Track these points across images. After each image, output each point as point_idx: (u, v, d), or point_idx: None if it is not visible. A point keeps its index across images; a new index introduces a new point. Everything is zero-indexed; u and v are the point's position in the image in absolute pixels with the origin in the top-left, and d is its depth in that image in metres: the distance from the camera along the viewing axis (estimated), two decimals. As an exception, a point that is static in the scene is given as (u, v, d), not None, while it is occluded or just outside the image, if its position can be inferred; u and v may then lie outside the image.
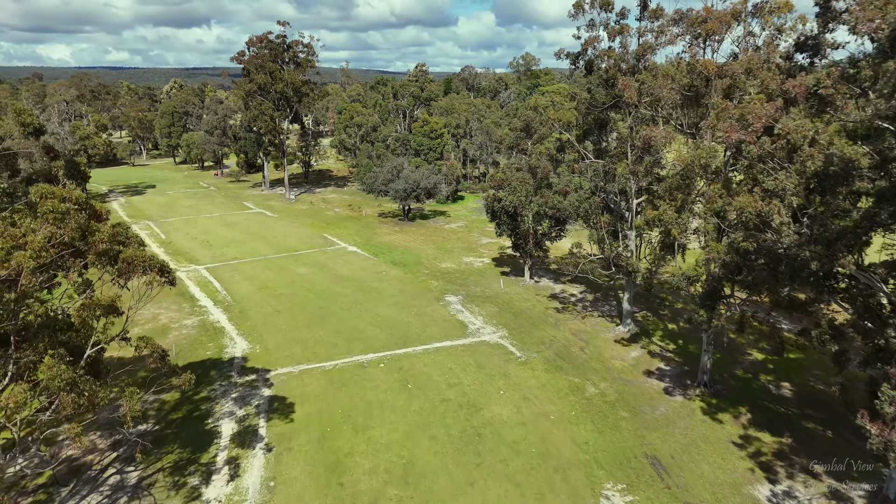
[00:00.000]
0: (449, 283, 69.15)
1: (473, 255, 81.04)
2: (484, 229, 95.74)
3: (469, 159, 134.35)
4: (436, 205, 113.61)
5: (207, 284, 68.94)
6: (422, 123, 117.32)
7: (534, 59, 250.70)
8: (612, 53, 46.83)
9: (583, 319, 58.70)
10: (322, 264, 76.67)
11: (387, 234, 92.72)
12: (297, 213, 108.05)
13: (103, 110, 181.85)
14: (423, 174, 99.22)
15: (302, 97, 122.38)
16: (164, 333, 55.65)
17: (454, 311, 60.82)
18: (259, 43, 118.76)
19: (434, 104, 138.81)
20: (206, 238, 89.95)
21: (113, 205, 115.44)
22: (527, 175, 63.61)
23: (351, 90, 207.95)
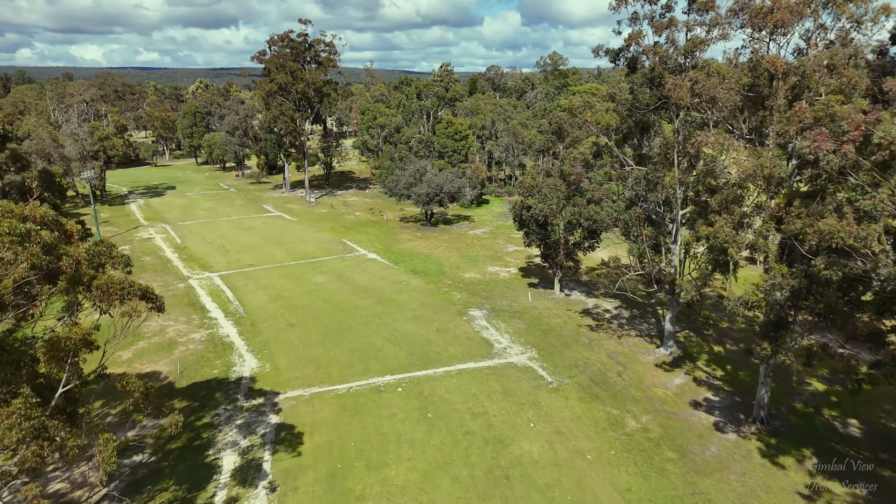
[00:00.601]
0: (473, 296, 64.88)
1: (499, 265, 76.64)
2: (510, 236, 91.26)
3: (494, 161, 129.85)
4: (460, 209, 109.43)
5: (219, 294, 65.70)
6: (446, 125, 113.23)
7: (561, 58, 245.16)
8: (658, 50, 42.10)
9: (619, 339, 53.94)
10: (340, 273, 72.99)
11: (408, 241, 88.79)
12: (316, 217, 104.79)
13: (127, 110, 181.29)
14: (447, 178, 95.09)
15: (323, 97, 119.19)
16: (171, 348, 52.39)
17: (478, 327, 56.55)
18: (280, 42, 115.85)
19: (459, 105, 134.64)
20: (222, 243, 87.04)
21: (131, 206, 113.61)
22: (558, 181, 59.08)
23: (374, 90, 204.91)
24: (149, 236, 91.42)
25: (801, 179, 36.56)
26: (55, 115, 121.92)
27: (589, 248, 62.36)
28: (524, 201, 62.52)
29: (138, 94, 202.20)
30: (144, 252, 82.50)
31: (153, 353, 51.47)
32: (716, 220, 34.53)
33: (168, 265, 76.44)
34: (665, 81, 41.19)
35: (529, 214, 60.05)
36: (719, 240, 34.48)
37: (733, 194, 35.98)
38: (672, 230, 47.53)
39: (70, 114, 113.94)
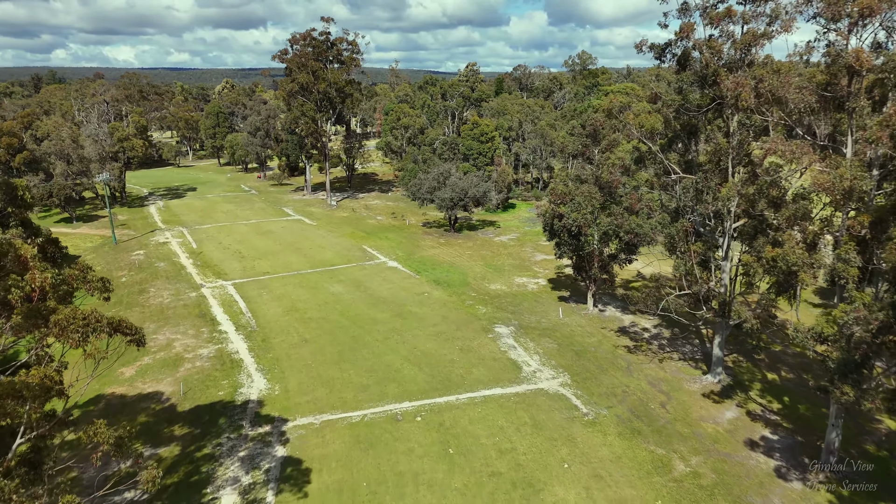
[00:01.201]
0: (499, 310, 60.56)
1: (527, 275, 72.15)
2: (538, 243, 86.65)
3: (521, 164, 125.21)
4: (485, 214, 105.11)
5: (232, 304, 62.46)
6: (471, 126, 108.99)
7: (590, 57, 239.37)
8: (714, 44, 37.33)
9: (660, 363, 49.12)
10: (359, 282, 69.28)
11: (431, 248, 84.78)
12: (337, 222, 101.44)
13: (151, 111, 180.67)
14: (472, 181, 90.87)
15: (345, 98, 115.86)
16: (176, 365, 49.10)
17: (505, 346, 52.22)
18: (302, 41, 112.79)
19: (485, 105, 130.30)
20: (238, 248, 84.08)
21: (150, 209, 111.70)
22: (593, 188, 54.47)
23: (399, 90, 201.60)
24: (165, 240, 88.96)
25: (883, 193, 31.56)
26: (79, 116, 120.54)
27: (626, 260, 57.56)
28: (555, 209, 58.02)
29: (163, 95, 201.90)
30: (159, 257, 79.90)
31: (157, 371, 48.24)
32: (784, 240, 29.70)
33: (181, 272, 73.58)
34: (721, 80, 36.43)
35: (561, 224, 55.50)
36: (789, 262, 29.67)
37: (803, 209, 31.13)
38: (722, 245, 42.65)
39: (90, 114, 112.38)
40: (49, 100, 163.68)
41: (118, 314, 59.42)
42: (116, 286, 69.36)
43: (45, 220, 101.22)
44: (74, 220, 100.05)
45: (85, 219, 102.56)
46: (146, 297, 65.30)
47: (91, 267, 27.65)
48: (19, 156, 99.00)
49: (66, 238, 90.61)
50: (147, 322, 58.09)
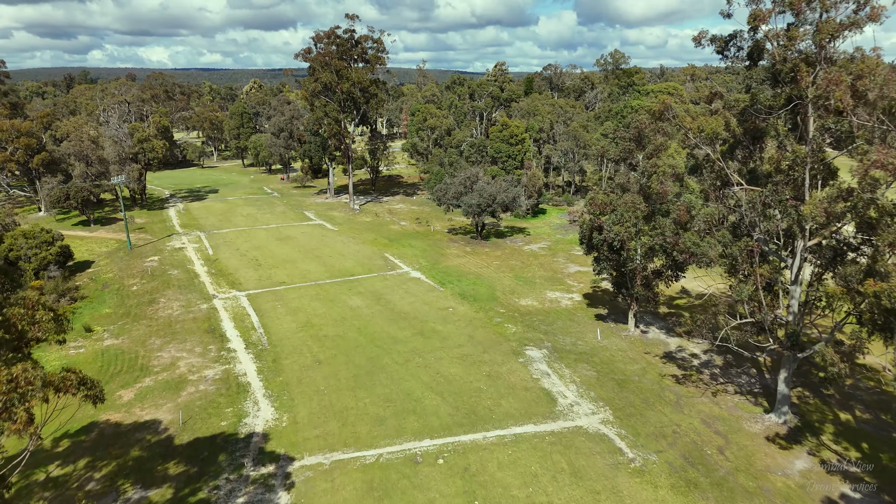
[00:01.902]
0: (530, 329, 55.47)
1: (560, 289, 66.84)
2: (571, 253, 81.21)
3: (552, 167, 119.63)
4: (513, 220, 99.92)
5: (244, 318, 58.52)
6: (500, 127, 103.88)
7: (623, 56, 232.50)
8: (794, 34, 31.76)
9: (714, 397, 43.51)
10: (379, 295, 64.83)
11: (456, 257, 79.97)
12: (359, 227, 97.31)
13: (176, 111, 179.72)
14: (501, 186, 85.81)
15: (370, 98, 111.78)
16: (178, 388, 45.12)
17: (537, 372, 47.13)
18: (326, 39, 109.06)
19: (514, 106, 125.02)
20: (255, 255, 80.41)
21: (170, 212, 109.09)
22: (637, 198, 49.03)
23: (425, 90, 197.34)
24: (181, 245, 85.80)
25: None
26: (103, 117, 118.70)
27: (672, 277, 51.93)
28: (595, 220, 52.72)
29: (189, 95, 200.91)
30: (173, 264, 76.59)
31: (157, 395, 44.33)
32: (890, 271, 24.15)
33: (194, 281, 70.05)
34: (801, 76, 30.87)
35: (602, 238, 50.13)
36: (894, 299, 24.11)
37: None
38: (791, 267, 36.98)
39: (110, 115, 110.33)
40: (75, 100, 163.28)
41: (124, 327, 56.03)
42: (126, 295, 66.16)
43: (64, 223, 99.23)
44: (92, 222, 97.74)
45: (103, 221, 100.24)
46: (155, 308, 61.78)
47: (42, 371, 23.10)
48: (37, 157, 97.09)
49: (81, 242, 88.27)
50: (153, 337, 54.44)
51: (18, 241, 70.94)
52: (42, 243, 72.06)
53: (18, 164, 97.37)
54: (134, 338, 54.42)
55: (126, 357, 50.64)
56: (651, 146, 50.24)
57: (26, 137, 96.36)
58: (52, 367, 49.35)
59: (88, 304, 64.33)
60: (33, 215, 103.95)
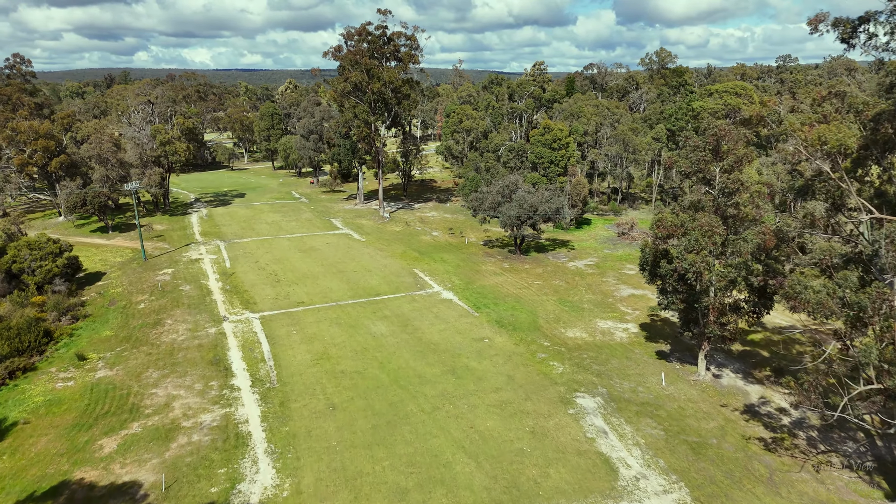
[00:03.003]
0: (580, 370, 47.46)
1: (612, 317, 58.55)
2: (622, 272, 72.66)
3: (598, 173, 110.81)
4: (556, 231, 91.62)
5: (253, 347, 52.01)
6: (542, 130, 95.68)
7: (669, 55, 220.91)
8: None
9: (817, 473, 34.85)
10: (406, 320, 57.63)
11: (493, 274, 72.24)
12: (388, 238, 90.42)
13: (208, 111, 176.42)
14: (543, 196, 77.74)
15: (402, 99, 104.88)
16: (168, 438, 38.62)
17: (592, 430, 39.15)
18: (357, 36, 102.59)
19: (556, 107, 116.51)
20: (275, 269, 74.17)
21: (192, 218, 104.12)
22: (714, 220, 40.59)
23: (461, 90, 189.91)
24: (198, 256, 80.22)
25: None
26: (125, 118, 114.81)
27: (755, 313, 43.25)
28: (659, 245, 44.45)
29: (220, 95, 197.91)
30: (186, 279, 70.86)
31: (143, 446, 37.88)
32: None
33: (206, 299, 64.05)
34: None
35: (671, 267, 41.72)
36: None
37: None
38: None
39: (133, 116, 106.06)
40: (105, 100, 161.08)
41: (122, 354, 49.94)
42: (132, 314, 60.48)
43: (82, 229, 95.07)
44: (110, 229, 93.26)
45: (122, 228, 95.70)
46: (159, 331, 55.81)
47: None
48: (56, 160, 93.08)
49: (96, 251, 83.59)
50: (151, 368, 48.30)
51: (22, 252, 66.13)
52: (48, 255, 67.12)
53: (37, 167, 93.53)
54: (130, 369, 48.34)
55: (117, 394, 44.51)
56: (731, 157, 41.71)
57: (45, 139, 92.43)
58: (36, 402, 43.67)
59: (90, 323, 58.83)
60: (53, 220, 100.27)
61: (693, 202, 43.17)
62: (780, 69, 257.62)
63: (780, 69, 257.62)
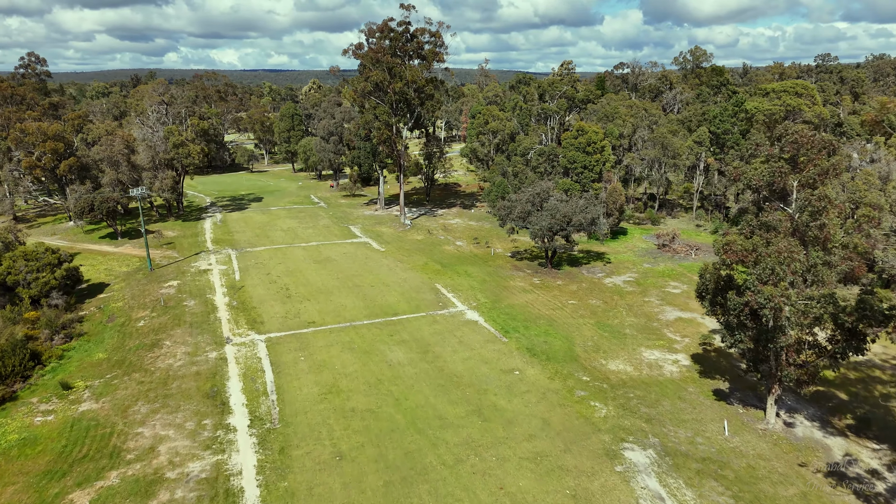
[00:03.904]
0: (627, 412, 41.06)
1: (659, 346, 51.92)
2: (665, 290, 65.86)
3: (633, 178, 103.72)
4: (589, 242, 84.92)
5: (256, 376, 46.61)
6: (575, 133, 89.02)
7: (704, 53, 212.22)
8: None
9: (933, 566, 28.01)
10: (426, 346, 51.77)
11: (522, 291, 65.99)
12: (408, 247, 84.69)
13: (228, 112, 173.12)
14: (577, 205, 71.24)
15: (425, 99, 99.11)
16: (147, 494, 33.25)
17: (646, 496, 32.77)
18: (379, 33, 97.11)
19: (590, 107, 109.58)
20: (287, 282, 68.94)
21: (205, 224, 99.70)
22: (793, 244, 33.92)
23: (487, 90, 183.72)
24: (207, 267, 75.41)
25: None
26: (138, 119, 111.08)
27: (839, 356, 36.33)
28: (720, 272, 37.85)
29: (240, 95, 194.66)
30: (192, 292, 65.98)
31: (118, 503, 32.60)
32: None
33: (210, 317, 59.00)
34: None
35: (741, 301, 35.01)
36: None
37: None
38: None
39: (146, 117, 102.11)
40: (126, 101, 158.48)
41: (111, 382, 44.88)
42: (129, 333, 55.69)
43: (91, 235, 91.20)
44: (119, 235, 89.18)
45: (132, 234, 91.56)
46: (156, 355, 50.79)
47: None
48: (65, 162, 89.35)
49: (102, 259, 79.45)
50: (140, 401, 43.18)
51: (17, 263, 61.87)
52: (45, 266, 62.78)
53: (45, 169, 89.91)
54: (117, 401, 43.27)
55: (99, 433, 39.42)
56: (815, 169, 34.96)
57: (54, 141, 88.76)
58: (9, 441, 38.85)
59: (84, 343, 54.16)
60: (63, 225, 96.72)
61: (766, 223, 36.45)
62: (820, 68, 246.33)
63: (820, 68, 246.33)
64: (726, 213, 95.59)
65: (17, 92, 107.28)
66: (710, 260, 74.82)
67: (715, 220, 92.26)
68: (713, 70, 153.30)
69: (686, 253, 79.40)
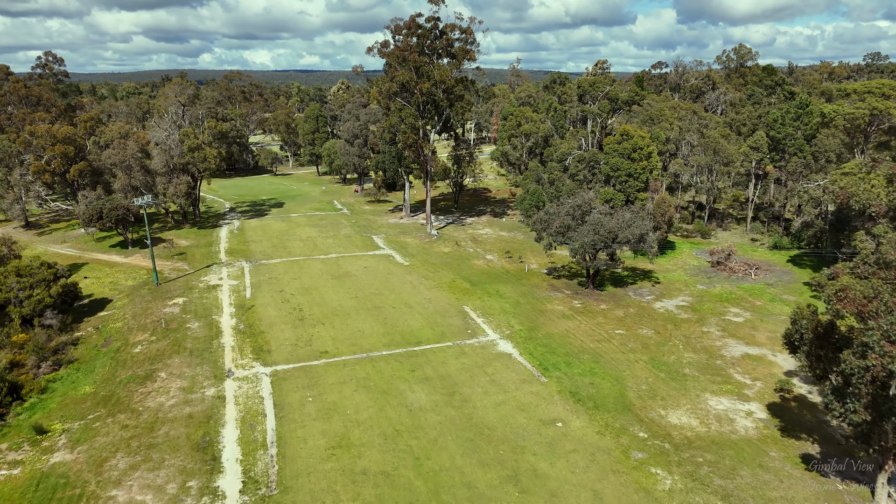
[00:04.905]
0: (697, 485, 33.54)
1: (726, 391, 44.11)
2: (725, 317, 57.86)
3: (681, 187, 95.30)
4: (633, 258, 77.00)
5: (256, 422, 40.33)
6: (619, 138, 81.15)
7: (749, 51, 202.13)
8: None
9: None
10: (453, 385, 44.91)
11: (561, 317, 58.65)
12: (434, 261, 77.92)
13: (253, 112, 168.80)
14: (624, 220, 63.60)
15: (454, 101, 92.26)
16: (109, 588, 27.03)
17: None
18: (406, 30, 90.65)
19: (635, 108, 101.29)
20: (300, 302, 62.82)
21: (221, 232, 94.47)
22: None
23: (519, 90, 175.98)
24: (217, 282, 69.80)
25: None
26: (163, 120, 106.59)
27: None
28: (820, 318, 30.11)
29: (265, 96, 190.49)
30: (197, 312, 60.30)
31: None
32: None
33: (213, 343, 53.10)
34: None
35: (862, 365, 27.20)
36: None
37: None
38: None
39: (161, 120, 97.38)
40: (148, 101, 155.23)
41: (92, 426, 39.08)
42: (123, 362, 50.10)
43: (102, 243, 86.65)
44: (130, 244, 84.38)
45: (144, 243, 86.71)
46: (147, 390, 44.95)
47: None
48: (75, 167, 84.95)
49: (109, 271, 74.52)
50: (120, 452, 37.23)
51: (9, 279, 56.88)
52: (40, 282, 57.74)
53: (54, 174, 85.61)
54: (94, 452, 37.40)
55: (66, 494, 33.53)
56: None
57: (63, 144, 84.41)
58: (-35, 501, 33.03)
59: (73, 372, 48.72)
60: (74, 232, 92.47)
61: (888, 261, 28.59)
62: (870, 67, 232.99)
63: (870, 67, 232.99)
64: (786, 226, 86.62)
65: (33, 92, 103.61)
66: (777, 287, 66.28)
67: (774, 235, 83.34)
68: (764, 69, 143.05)
69: (744, 272, 70.94)
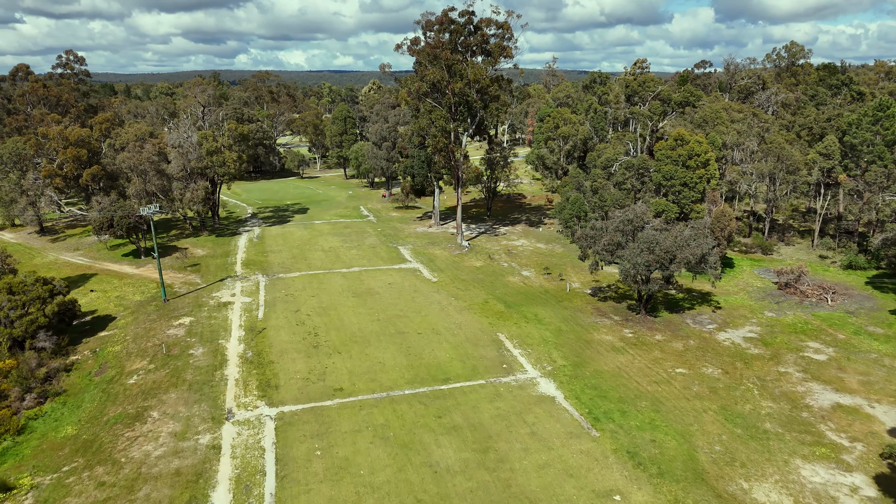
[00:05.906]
0: None
1: (821, 456, 36.14)
2: (803, 353, 49.61)
3: (738, 197, 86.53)
4: (690, 279, 68.80)
5: (252, 484, 34.01)
6: (672, 143, 73.05)
7: (801, 49, 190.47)
8: None
9: None
10: (486, 440, 37.93)
11: (611, 350, 51.13)
12: (465, 278, 71.00)
13: (280, 114, 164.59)
14: (682, 238, 55.74)
15: (489, 102, 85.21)
16: None
17: None
18: (438, 25, 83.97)
19: (688, 111, 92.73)
20: (317, 324, 56.65)
21: (240, 240, 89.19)
22: None
23: (556, 90, 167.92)
24: (229, 299, 64.16)
25: None
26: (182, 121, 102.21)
27: None
28: None
29: (294, 96, 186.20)
30: (202, 335, 54.60)
31: None
32: None
33: (215, 375, 47.15)
34: None
35: None
36: None
37: None
38: None
39: (179, 122, 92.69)
40: (175, 102, 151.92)
41: (64, 482, 32.78)
42: (115, 396, 44.53)
43: (115, 252, 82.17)
44: (143, 253, 79.59)
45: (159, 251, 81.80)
46: (135, 434, 39.12)
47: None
48: (88, 171, 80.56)
49: (118, 283, 69.63)
50: None
51: (0, 297, 52.00)
52: (35, 300, 52.74)
53: (67, 178, 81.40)
54: (61, 518, 31.53)
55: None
56: None
57: (76, 147, 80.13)
58: None
59: (59, 407, 43.31)
60: (87, 239, 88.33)
61: None
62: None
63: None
64: (861, 242, 77.23)
65: (52, 93, 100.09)
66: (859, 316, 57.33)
67: (848, 252, 74.07)
68: (825, 68, 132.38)
69: (819, 297, 62.25)
